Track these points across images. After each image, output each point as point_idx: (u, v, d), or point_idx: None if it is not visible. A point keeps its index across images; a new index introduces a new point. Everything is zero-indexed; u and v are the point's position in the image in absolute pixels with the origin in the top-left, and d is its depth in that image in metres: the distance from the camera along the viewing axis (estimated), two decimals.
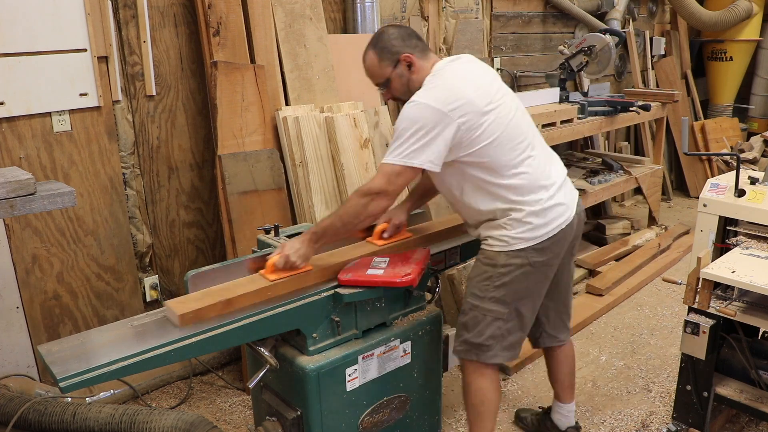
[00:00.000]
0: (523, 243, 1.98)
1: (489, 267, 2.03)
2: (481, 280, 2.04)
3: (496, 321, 2.04)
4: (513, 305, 2.04)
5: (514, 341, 2.10)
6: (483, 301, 2.04)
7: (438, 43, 4.03)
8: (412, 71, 2.00)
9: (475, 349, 2.08)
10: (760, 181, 2.32)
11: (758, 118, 6.31)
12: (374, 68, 2.03)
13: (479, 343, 2.06)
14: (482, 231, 2.06)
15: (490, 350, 2.06)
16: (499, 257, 2.01)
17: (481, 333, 2.05)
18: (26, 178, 1.84)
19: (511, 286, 2.01)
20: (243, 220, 2.80)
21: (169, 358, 1.61)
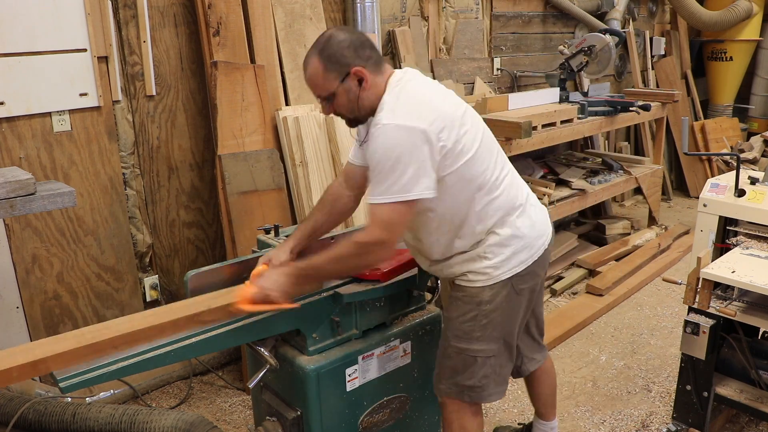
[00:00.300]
0: (507, 272, 1.82)
1: (472, 306, 1.84)
2: (465, 321, 1.85)
3: (488, 360, 1.88)
4: (502, 339, 1.89)
5: (506, 374, 1.98)
6: (471, 343, 1.86)
7: (438, 43, 4.04)
8: (363, 87, 1.70)
9: (468, 391, 1.90)
10: (760, 181, 2.32)
11: (758, 118, 6.31)
12: (317, 78, 1.70)
13: (472, 386, 1.89)
14: (456, 267, 1.86)
15: (485, 390, 1.91)
16: (482, 293, 1.83)
17: (473, 374, 1.88)
18: (26, 178, 1.84)
19: (497, 321, 1.85)
20: (243, 220, 2.80)
21: (169, 358, 1.61)
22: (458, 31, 4.11)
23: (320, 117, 3.02)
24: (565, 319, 3.48)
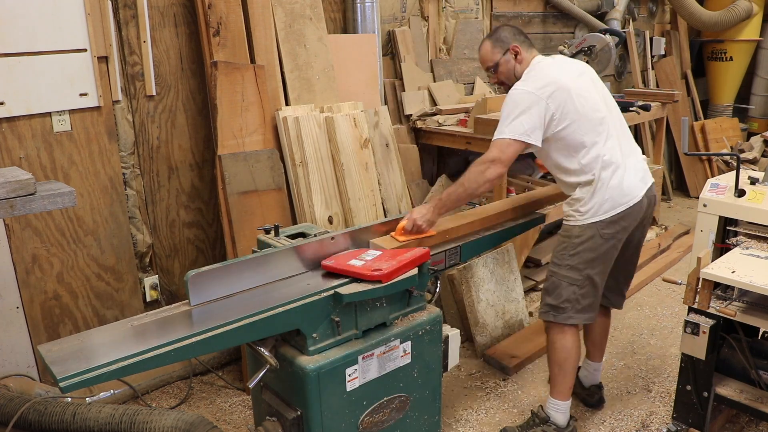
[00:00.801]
0: (593, 217, 2.27)
1: (565, 239, 2.35)
2: (559, 251, 2.36)
3: (570, 286, 2.33)
4: (585, 272, 2.31)
5: (587, 304, 2.36)
6: (560, 268, 2.35)
7: (438, 43, 4.04)
8: (518, 60, 2.38)
9: (553, 311, 2.38)
10: (760, 181, 2.32)
11: (758, 118, 6.31)
12: (487, 54, 2.41)
13: (557, 305, 2.36)
14: (564, 206, 2.38)
15: (566, 312, 2.36)
16: (573, 230, 2.32)
17: (559, 296, 2.35)
18: (26, 178, 1.84)
19: (583, 255, 2.30)
20: (243, 220, 2.80)
21: (169, 358, 1.61)
22: (458, 31, 4.11)
23: (320, 117, 3.02)
24: None
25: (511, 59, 2.39)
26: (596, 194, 2.27)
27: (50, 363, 1.52)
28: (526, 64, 2.37)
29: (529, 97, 2.22)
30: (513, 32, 2.41)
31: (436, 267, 2.30)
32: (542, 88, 2.23)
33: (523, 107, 2.21)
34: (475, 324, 3.20)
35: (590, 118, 2.27)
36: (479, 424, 2.70)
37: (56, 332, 2.70)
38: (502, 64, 2.40)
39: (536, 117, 2.21)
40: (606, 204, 2.27)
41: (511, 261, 3.41)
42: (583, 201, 2.29)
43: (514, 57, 2.38)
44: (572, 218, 2.34)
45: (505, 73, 2.42)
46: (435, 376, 2.27)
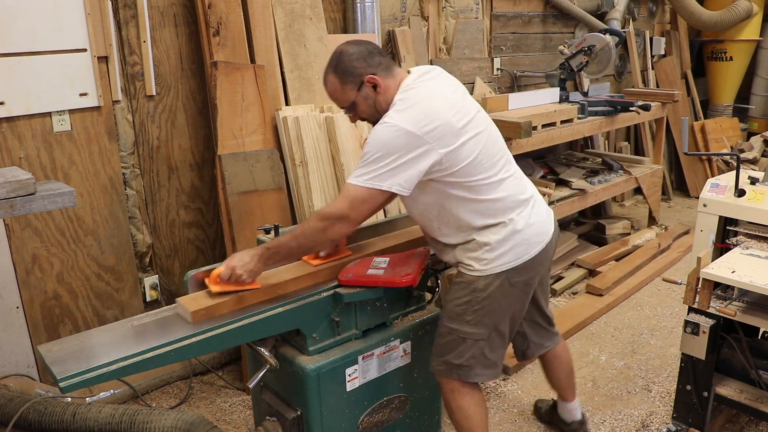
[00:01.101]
0: (502, 266, 1.92)
1: (467, 292, 1.95)
2: (459, 305, 1.97)
3: (476, 343, 1.99)
4: (492, 326, 1.99)
5: (496, 359, 2.05)
6: (462, 325, 1.98)
7: (438, 43, 4.04)
8: (378, 92, 1.88)
9: (456, 369, 2.02)
10: (760, 181, 2.32)
11: (758, 118, 6.31)
12: (337, 93, 1.91)
13: (459, 364, 2.01)
14: (458, 254, 1.97)
15: (472, 369, 2.01)
16: (477, 282, 1.93)
17: (461, 354, 2.00)
18: (26, 178, 1.84)
19: (490, 308, 1.95)
20: (243, 220, 2.80)
21: (169, 358, 1.61)
22: (458, 31, 4.11)
23: (320, 117, 3.02)
24: (565, 319, 3.48)
25: (369, 93, 1.88)
26: (508, 239, 1.91)
27: (50, 363, 1.52)
28: (391, 90, 1.87)
29: (406, 138, 1.75)
30: (363, 55, 1.87)
31: (436, 267, 2.30)
32: (424, 126, 1.76)
33: (395, 149, 1.74)
34: None
35: (488, 151, 1.88)
36: None
37: (56, 332, 2.70)
38: (360, 102, 1.90)
39: (413, 164, 1.76)
40: (519, 248, 1.92)
41: None
42: (488, 247, 1.90)
43: (372, 89, 1.88)
44: (471, 268, 1.94)
45: (368, 111, 1.92)
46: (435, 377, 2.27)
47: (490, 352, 2.02)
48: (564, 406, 2.51)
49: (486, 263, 1.92)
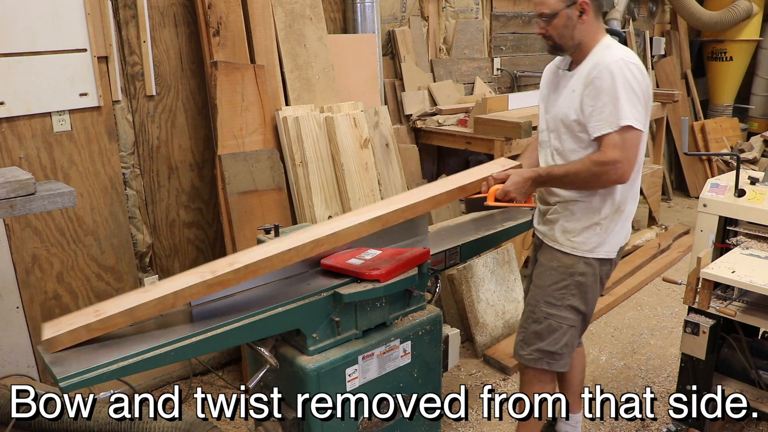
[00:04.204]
0: (604, 253, 2.02)
1: (566, 276, 2.04)
2: (558, 289, 2.06)
3: (570, 329, 2.08)
4: (585, 313, 2.09)
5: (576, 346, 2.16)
6: (560, 310, 2.07)
7: (438, 43, 4.04)
8: (581, 20, 1.94)
9: (547, 357, 2.10)
10: (760, 181, 2.32)
11: (758, 118, 6.31)
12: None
13: (553, 352, 2.09)
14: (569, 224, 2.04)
15: (563, 358, 2.10)
16: (577, 265, 2.03)
17: (556, 342, 2.08)
18: (26, 178, 1.84)
19: (582, 295, 2.05)
20: (243, 220, 2.80)
21: (169, 358, 1.61)
22: (458, 31, 4.11)
23: (320, 117, 3.02)
24: None
25: (574, 15, 1.93)
26: (616, 224, 2.02)
27: (50, 363, 1.52)
28: (590, 31, 1.95)
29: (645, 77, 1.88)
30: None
31: (436, 267, 2.30)
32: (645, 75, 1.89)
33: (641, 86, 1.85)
34: (475, 324, 3.20)
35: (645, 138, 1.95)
36: (479, 424, 2.70)
37: None
38: (561, 16, 1.93)
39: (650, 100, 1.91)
40: (617, 236, 2.04)
41: (511, 261, 3.40)
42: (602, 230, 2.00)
43: (578, 15, 1.93)
44: (579, 248, 2.03)
45: (559, 29, 1.95)
46: (435, 376, 2.27)
47: (574, 339, 2.13)
48: (572, 421, 2.44)
49: (592, 246, 2.02)
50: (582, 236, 2.02)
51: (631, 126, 1.82)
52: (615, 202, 1.99)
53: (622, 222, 2.03)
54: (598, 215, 2.00)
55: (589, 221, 2.01)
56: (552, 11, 1.94)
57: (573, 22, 1.94)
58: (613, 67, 1.85)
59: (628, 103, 1.82)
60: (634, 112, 1.83)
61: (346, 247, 2.13)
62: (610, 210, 2.00)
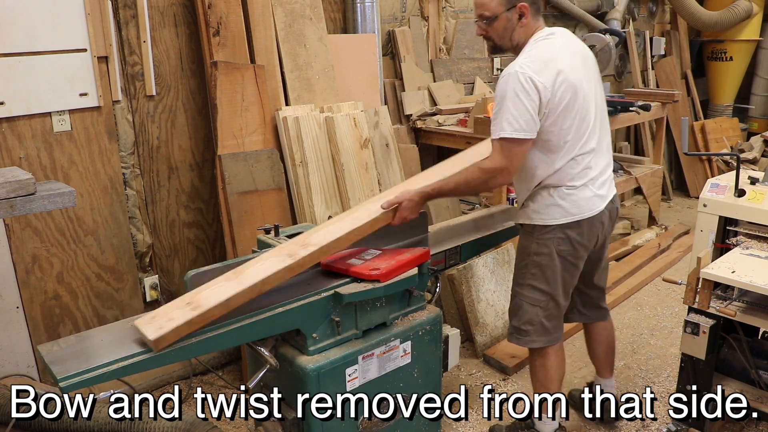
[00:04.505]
0: (547, 232, 2.14)
1: (524, 255, 2.22)
2: (520, 269, 2.25)
3: (533, 308, 2.23)
4: (548, 292, 2.21)
5: (550, 327, 2.26)
6: (522, 288, 2.24)
7: (438, 43, 4.04)
8: (521, 23, 2.06)
9: (516, 333, 2.29)
10: (760, 181, 2.32)
11: (758, 118, 6.31)
12: (491, 1, 2.06)
13: (519, 327, 2.27)
14: (521, 212, 2.23)
15: (529, 335, 2.26)
16: (531, 245, 2.19)
17: (521, 318, 2.26)
18: (26, 178, 1.84)
19: (541, 274, 2.19)
20: (243, 220, 2.80)
21: (169, 358, 1.61)
22: (458, 31, 4.10)
23: (320, 117, 3.02)
24: None
25: (513, 18, 2.06)
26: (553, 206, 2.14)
27: (50, 363, 1.52)
28: (527, 32, 2.08)
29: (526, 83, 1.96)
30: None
31: (436, 267, 2.30)
32: (541, 74, 1.97)
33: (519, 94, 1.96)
34: (475, 324, 3.20)
35: (581, 123, 2.07)
36: (479, 424, 2.70)
37: (56, 332, 2.70)
38: (501, 19, 2.06)
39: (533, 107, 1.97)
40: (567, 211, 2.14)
41: (511, 261, 3.41)
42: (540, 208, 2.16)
43: (518, 18, 2.06)
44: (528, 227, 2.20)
45: (500, 32, 2.09)
46: (435, 376, 2.27)
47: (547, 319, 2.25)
48: (600, 383, 2.60)
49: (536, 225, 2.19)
50: (525, 206, 2.20)
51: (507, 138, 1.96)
52: (535, 181, 2.13)
53: (560, 198, 2.12)
54: (527, 190, 2.18)
55: (525, 194, 2.20)
56: (492, 14, 2.06)
57: (513, 24, 2.07)
58: (505, 78, 1.99)
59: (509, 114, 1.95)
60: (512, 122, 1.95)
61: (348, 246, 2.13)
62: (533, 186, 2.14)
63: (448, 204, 3.62)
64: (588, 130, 2.10)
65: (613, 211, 2.26)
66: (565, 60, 2.03)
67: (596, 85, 2.17)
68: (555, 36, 2.09)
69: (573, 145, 2.08)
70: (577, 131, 2.07)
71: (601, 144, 2.18)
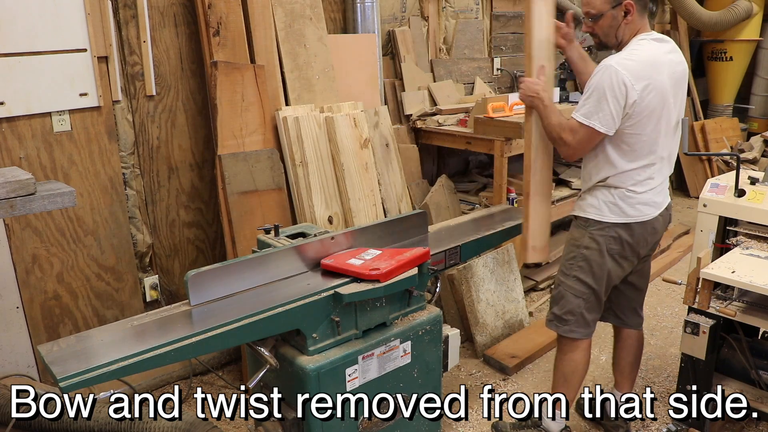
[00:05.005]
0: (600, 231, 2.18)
1: (574, 248, 2.25)
2: (568, 259, 2.28)
3: (576, 299, 2.26)
4: (592, 287, 2.24)
5: (589, 320, 2.29)
6: (568, 278, 2.28)
7: (438, 43, 4.04)
8: (626, 20, 2.09)
9: (556, 321, 2.32)
10: (760, 181, 2.32)
11: (758, 118, 6.31)
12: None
13: (560, 316, 2.30)
14: (579, 203, 2.28)
15: (568, 324, 2.29)
16: (583, 239, 2.22)
17: (563, 307, 2.29)
18: (26, 178, 1.84)
19: (587, 268, 2.23)
20: (243, 220, 2.80)
21: (169, 358, 1.61)
22: (458, 31, 4.10)
23: (320, 117, 3.02)
24: None
25: (619, 16, 2.09)
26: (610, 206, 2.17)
27: (50, 363, 1.52)
28: (632, 29, 2.10)
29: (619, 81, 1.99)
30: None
31: (436, 267, 2.30)
32: (638, 78, 1.99)
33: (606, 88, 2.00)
34: (475, 324, 3.20)
35: (651, 139, 2.09)
36: (479, 424, 2.70)
37: (56, 332, 2.70)
38: (606, 17, 2.10)
39: (619, 104, 2.01)
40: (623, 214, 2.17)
41: (511, 261, 3.41)
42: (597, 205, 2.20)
43: (623, 15, 2.08)
44: (582, 222, 2.25)
45: (605, 29, 2.13)
46: (435, 376, 2.27)
47: (588, 312, 2.28)
48: (617, 395, 2.56)
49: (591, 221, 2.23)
50: (584, 199, 2.24)
51: (581, 122, 2.06)
52: (599, 176, 2.16)
53: (620, 199, 2.15)
54: (590, 182, 2.21)
55: (587, 185, 2.24)
56: (598, 12, 2.11)
57: (618, 22, 2.10)
58: (603, 69, 2.03)
59: (592, 103, 2.03)
60: (593, 112, 2.03)
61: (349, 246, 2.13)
62: (596, 181, 2.18)
63: (449, 204, 3.62)
64: (663, 140, 2.12)
65: (666, 217, 2.28)
66: (663, 67, 2.06)
67: (681, 97, 2.18)
68: (662, 41, 2.12)
69: (647, 152, 2.10)
70: (654, 140, 2.09)
71: (671, 155, 2.21)
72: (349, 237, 2.18)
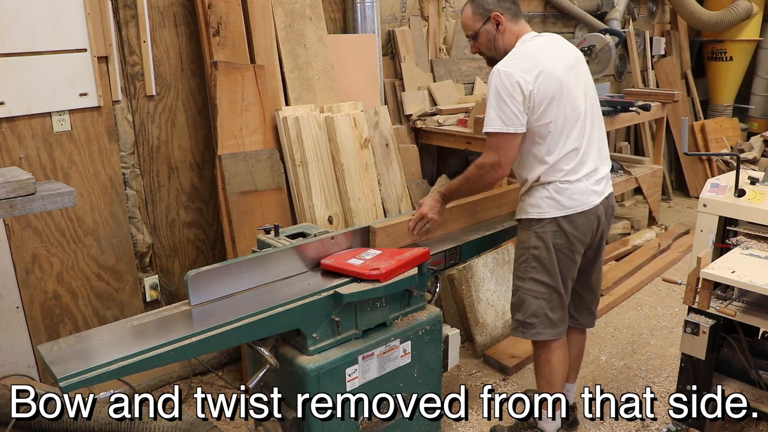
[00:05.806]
0: (541, 226, 2.19)
1: (523, 250, 2.26)
2: (521, 263, 2.28)
3: (537, 300, 2.25)
4: (550, 285, 2.23)
5: (555, 319, 2.27)
6: (524, 282, 2.27)
7: (438, 43, 4.04)
8: (499, 31, 2.19)
9: (521, 327, 2.30)
10: (760, 181, 2.32)
11: (758, 118, 6.31)
12: (468, 20, 2.23)
13: (524, 321, 2.29)
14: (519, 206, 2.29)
15: (534, 327, 2.27)
16: (529, 239, 2.22)
17: (525, 311, 2.28)
18: (26, 178, 1.84)
19: (540, 267, 2.22)
20: (243, 220, 2.80)
21: (169, 358, 1.61)
22: (458, 31, 4.10)
23: (320, 117, 3.02)
24: None
25: (492, 30, 2.20)
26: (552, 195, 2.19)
27: (50, 363, 1.52)
28: (511, 37, 2.20)
29: (509, 81, 2.05)
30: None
31: (436, 267, 2.30)
32: (526, 71, 2.05)
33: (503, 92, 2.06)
34: (475, 324, 3.20)
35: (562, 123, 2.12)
36: (479, 424, 2.70)
37: (56, 332, 2.70)
38: (482, 33, 2.21)
39: (519, 103, 2.06)
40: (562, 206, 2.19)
41: (511, 261, 3.41)
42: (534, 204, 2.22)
43: (495, 27, 2.19)
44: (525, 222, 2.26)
45: (486, 44, 2.24)
46: (435, 376, 2.27)
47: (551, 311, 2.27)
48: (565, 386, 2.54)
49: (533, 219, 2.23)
50: (523, 201, 2.26)
51: (494, 132, 2.08)
52: (532, 177, 2.19)
53: (555, 192, 2.17)
54: (526, 185, 2.25)
55: (524, 189, 2.27)
56: (473, 32, 2.23)
57: (493, 34, 2.21)
58: (490, 76, 2.10)
59: (494, 109, 2.06)
60: (498, 117, 2.06)
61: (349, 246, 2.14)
62: (531, 182, 2.21)
63: None
64: (579, 127, 2.16)
65: (609, 208, 2.30)
66: (548, 57, 2.12)
67: (586, 85, 2.23)
68: (540, 37, 2.21)
69: (564, 139, 2.14)
70: (566, 127, 2.13)
71: (594, 142, 2.24)
72: (349, 237, 2.18)
